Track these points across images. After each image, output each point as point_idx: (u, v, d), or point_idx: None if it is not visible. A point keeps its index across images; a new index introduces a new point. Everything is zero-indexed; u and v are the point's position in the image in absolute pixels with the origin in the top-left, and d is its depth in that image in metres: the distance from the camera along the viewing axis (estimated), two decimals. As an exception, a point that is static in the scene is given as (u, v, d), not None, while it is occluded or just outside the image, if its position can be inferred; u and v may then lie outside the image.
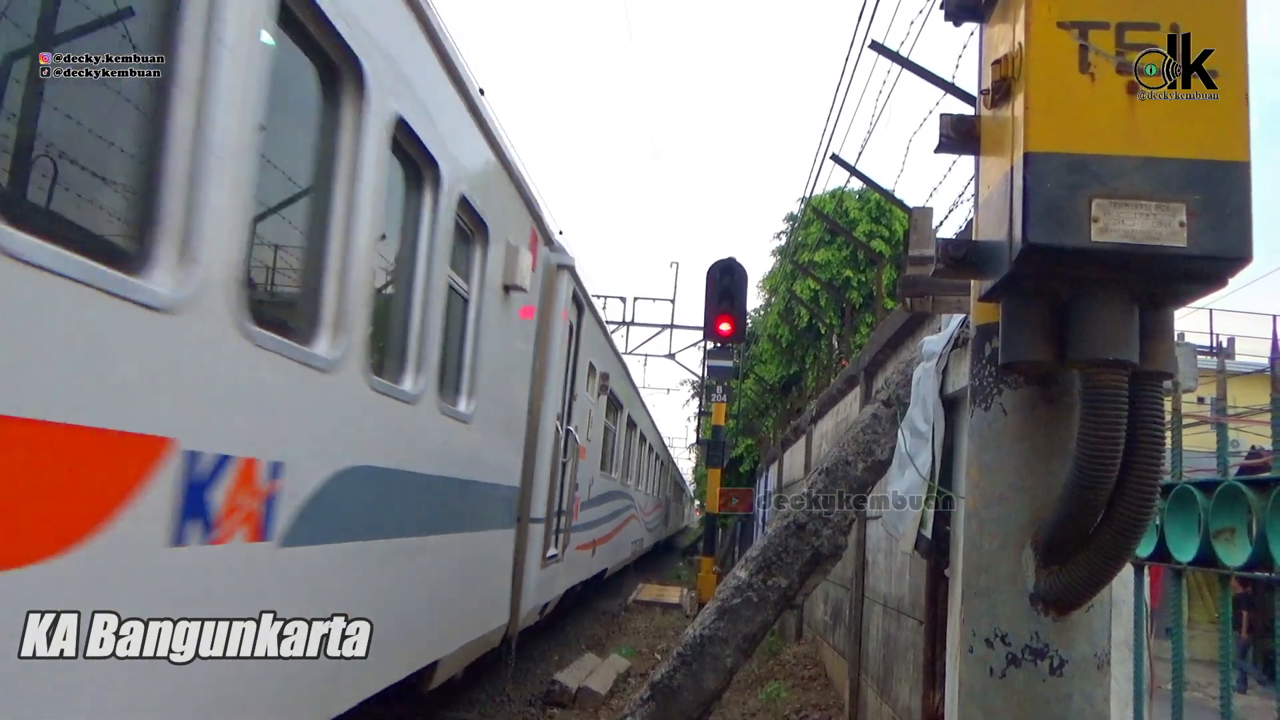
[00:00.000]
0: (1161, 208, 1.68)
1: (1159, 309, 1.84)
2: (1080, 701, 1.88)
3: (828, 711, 8.19)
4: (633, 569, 22.13)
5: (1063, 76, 1.75)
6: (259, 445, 3.09)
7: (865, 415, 5.13)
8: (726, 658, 4.46)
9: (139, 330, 2.41)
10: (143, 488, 2.39)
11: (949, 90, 7.07)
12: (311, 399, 3.53)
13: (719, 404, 15.09)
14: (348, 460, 3.87)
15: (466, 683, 8.12)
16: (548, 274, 7.93)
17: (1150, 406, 1.81)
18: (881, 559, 7.26)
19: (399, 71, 4.20)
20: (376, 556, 4.32)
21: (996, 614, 1.94)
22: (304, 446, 3.48)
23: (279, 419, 3.27)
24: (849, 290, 20.69)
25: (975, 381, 2.10)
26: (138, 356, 2.42)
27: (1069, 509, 1.82)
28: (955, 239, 1.99)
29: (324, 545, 3.68)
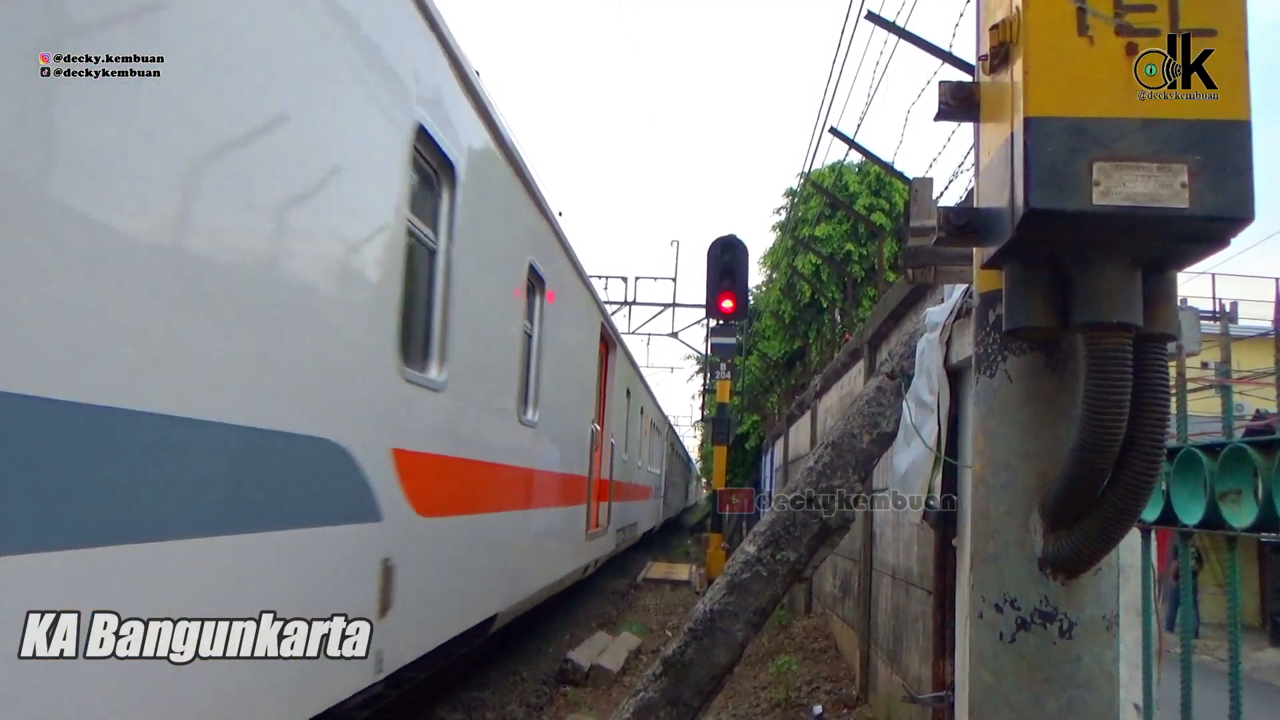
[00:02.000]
0: (1163, 169, 1.68)
1: (1161, 271, 1.84)
2: (1090, 663, 1.90)
3: (839, 683, 8.24)
4: (640, 548, 22.24)
5: (1061, 40, 1.74)
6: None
7: (870, 388, 5.13)
8: (737, 632, 4.48)
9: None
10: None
11: (947, 60, 7.03)
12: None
13: (723, 381, 15.09)
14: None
15: (480, 661, 8.19)
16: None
17: (1155, 369, 1.81)
18: (889, 531, 7.28)
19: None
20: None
21: (1005, 579, 1.96)
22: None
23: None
24: (850, 264, 20.64)
25: (979, 349, 2.10)
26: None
27: (1075, 473, 1.83)
28: (957, 207, 1.99)
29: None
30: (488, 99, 5.66)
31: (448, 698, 7.24)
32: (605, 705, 7.60)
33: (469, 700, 7.49)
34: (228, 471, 3.03)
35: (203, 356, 2.86)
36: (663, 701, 4.37)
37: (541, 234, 7.79)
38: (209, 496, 2.90)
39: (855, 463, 4.83)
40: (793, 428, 16.09)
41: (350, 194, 3.91)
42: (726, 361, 15.15)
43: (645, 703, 4.37)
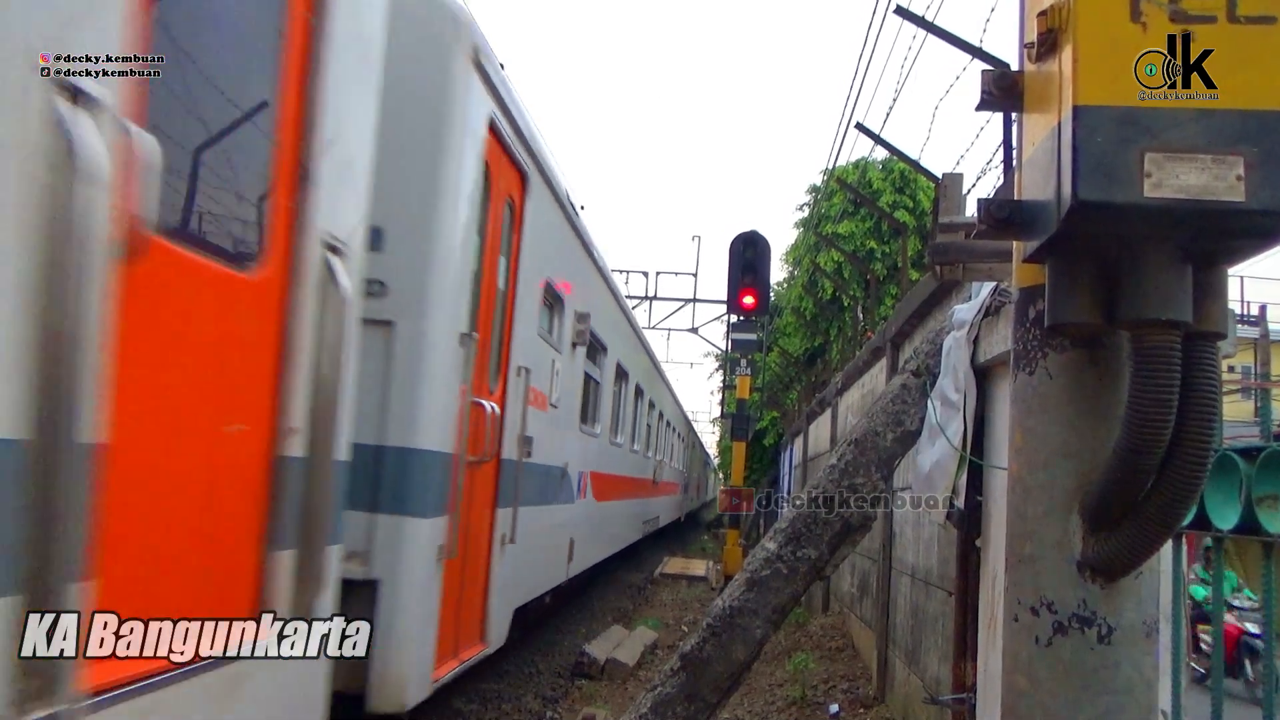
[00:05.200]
0: (1217, 161, 1.62)
1: (1212, 267, 1.78)
2: (1129, 670, 1.84)
3: (855, 682, 8.19)
4: (654, 541, 22.33)
5: (1113, 26, 1.68)
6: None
7: (894, 385, 5.07)
8: (756, 629, 4.44)
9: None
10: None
11: (977, 55, 6.94)
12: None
13: (743, 377, 15.04)
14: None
15: (495, 653, 8.19)
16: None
17: (1204, 368, 1.75)
18: (909, 530, 7.22)
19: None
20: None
21: (1042, 582, 1.90)
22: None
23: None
24: (873, 262, 20.52)
25: (1018, 345, 2.04)
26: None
27: (1119, 474, 1.77)
28: (998, 199, 1.93)
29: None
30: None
31: (463, 689, 7.23)
32: (620, 699, 7.59)
33: (485, 692, 7.49)
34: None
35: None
36: (680, 697, 4.34)
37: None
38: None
39: (878, 461, 4.77)
40: (813, 425, 16.02)
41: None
42: (747, 357, 15.09)
43: (663, 698, 4.34)
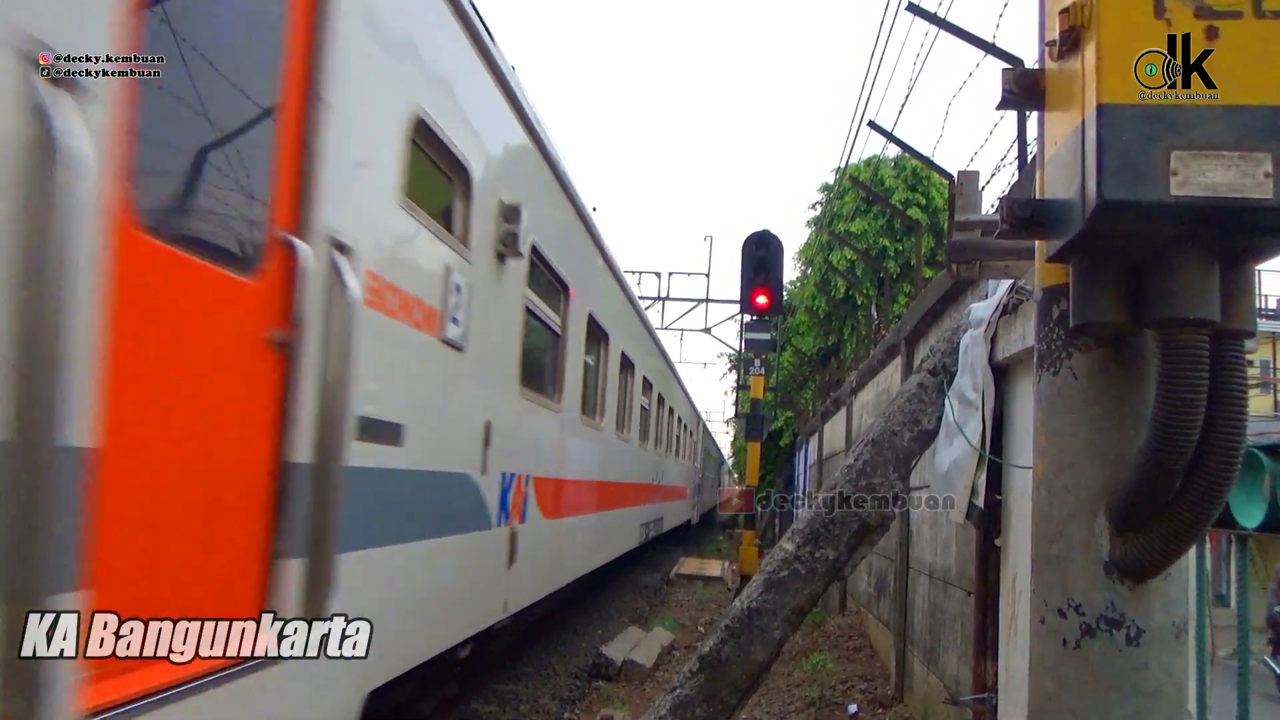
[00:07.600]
0: (1245, 158, 1.60)
1: (1239, 265, 1.76)
2: (1158, 672, 1.82)
3: (873, 682, 8.16)
4: (668, 541, 22.32)
5: (1137, 23, 1.67)
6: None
7: (911, 385, 5.05)
8: (774, 630, 4.43)
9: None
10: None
11: (990, 51, 6.91)
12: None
13: (757, 377, 14.97)
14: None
15: (513, 655, 8.20)
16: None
17: (1232, 367, 1.73)
18: (926, 529, 7.18)
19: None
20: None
21: (1069, 583, 1.88)
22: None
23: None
24: (886, 260, 20.45)
25: (1043, 345, 2.03)
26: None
27: (1146, 474, 1.75)
28: (1020, 198, 1.91)
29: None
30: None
31: (481, 690, 7.24)
32: (638, 700, 7.58)
33: (502, 693, 7.50)
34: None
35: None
36: (699, 699, 4.33)
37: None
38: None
39: (895, 460, 4.75)
40: (827, 424, 15.97)
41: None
42: (760, 357, 15.04)
43: (682, 700, 4.33)
